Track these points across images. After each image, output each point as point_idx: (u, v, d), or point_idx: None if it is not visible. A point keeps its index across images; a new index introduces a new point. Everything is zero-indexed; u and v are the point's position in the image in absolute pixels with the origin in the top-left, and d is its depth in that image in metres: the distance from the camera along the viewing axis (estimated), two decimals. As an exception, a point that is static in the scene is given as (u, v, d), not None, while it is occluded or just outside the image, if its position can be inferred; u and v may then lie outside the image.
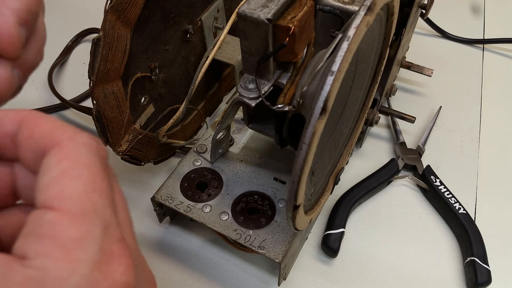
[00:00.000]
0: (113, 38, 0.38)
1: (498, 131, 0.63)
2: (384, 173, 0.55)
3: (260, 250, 0.41)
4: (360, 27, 0.28)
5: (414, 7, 0.47)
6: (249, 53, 0.34)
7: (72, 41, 0.73)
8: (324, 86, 0.27)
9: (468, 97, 0.68)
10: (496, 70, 0.72)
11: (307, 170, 0.30)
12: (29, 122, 0.18)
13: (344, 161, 0.47)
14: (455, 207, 0.51)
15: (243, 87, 0.35)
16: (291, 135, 0.37)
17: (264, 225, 0.43)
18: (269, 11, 0.31)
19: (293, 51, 0.32)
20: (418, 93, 0.68)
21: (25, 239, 0.16)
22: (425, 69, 0.63)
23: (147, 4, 0.40)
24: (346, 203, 0.52)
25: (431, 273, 0.49)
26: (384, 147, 0.61)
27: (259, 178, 0.47)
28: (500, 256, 0.50)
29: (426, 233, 0.52)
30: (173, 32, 0.47)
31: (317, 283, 0.48)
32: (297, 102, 0.33)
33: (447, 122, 0.64)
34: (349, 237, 0.52)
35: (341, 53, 0.27)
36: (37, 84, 0.69)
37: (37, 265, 0.15)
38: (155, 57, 0.46)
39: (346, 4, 0.38)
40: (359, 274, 0.49)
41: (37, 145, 0.18)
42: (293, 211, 0.33)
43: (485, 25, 0.79)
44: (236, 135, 0.51)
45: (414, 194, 0.56)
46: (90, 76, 0.38)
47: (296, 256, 0.49)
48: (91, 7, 0.81)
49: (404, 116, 0.58)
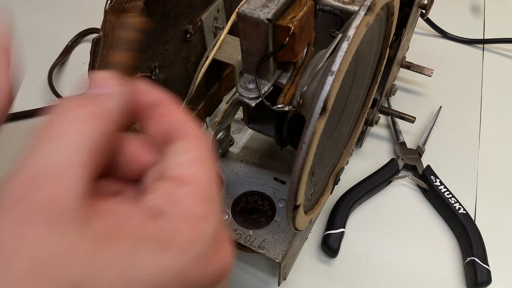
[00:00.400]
0: (113, 38, 0.38)
1: (498, 131, 0.63)
2: (384, 173, 0.55)
3: (260, 250, 0.41)
4: (360, 27, 0.28)
5: (414, 7, 0.47)
6: (249, 53, 0.34)
7: (72, 41, 0.73)
8: (324, 86, 0.27)
9: (468, 97, 0.68)
10: (496, 70, 0.72)
11: (307, 170, 0.30)
12: (168, 104, 0.21)
13: (344, 161, 0.47)
14: (455, 207, 0.51)
15: (243, 87, 0.35)
16: (291, 135, 0.37)
17: (264, 225, 0.43)
18: (269, 11, 0.31)
19: (293, 51, 0.32)
20: (418, 93, 0.68)
21: (161, 199, 0.18)
22: (425, 69, 0.63)
23: (147, 4, 0.40)
24: (346, 203, 0.52)
25: (431, 273, 0.49)
26: (384, 147, 0.61)
27: (259, 178, 0.47)
28: (500, 256, 0.50)
29: (426, 233, 0.52)
30: (173, 32, 0.47)
31: (317, 283, 0.48)
32: (297, 102, 0.33)
33: (447, 122, 0.64)
34: (349, 237, 0.52)
35: (341, 53, 0.27)
36: (37, 84, 0.69)
37: (170, 225, 0.18)
38: (155, 57, 0.46)
39: (346, 4, 0.38)
40: (359, 274, 0.49)
41: (168, 125, 0.21)
42: (293, 211, 0.33)
43: (485, 25, 0.79)
44: (236, 135, 0.51)
45: (414, 194, 0.56)
46: (90, 76, 0.38)
47: (296, 256, 0.49)
48: (91, 7, 0.81)
49: (404, 116, 0.58)
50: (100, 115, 0.19)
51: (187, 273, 0.18)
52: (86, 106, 0.18)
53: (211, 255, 0.19)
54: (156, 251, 0.17)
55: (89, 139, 0.18)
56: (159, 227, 0.18)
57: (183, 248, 0.18)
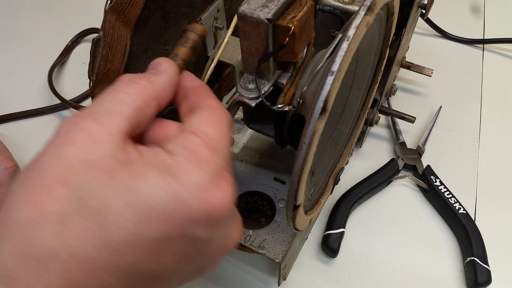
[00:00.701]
0: (113, 38, 0.38)
1: (498, 131, 0.63)
2: (384, 173, 0.55)
3: (260, 250, 0.41)
4: (360, 27, 0.28)
5: (414, 7, 0.47)
6: (249, 53, 0.34)
7: (72, 41, 0.73)
8: (324, 86, 0.27)
9: (468, 97, 0.68)
10: (496, 70, 0.72)
11: (307, 170, 0.30)
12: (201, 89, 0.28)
13: (344, 161, 0.47)
14: (455, 207, 0.51)
15: (243, 87, 0.35)
16: (291, 135, 0.37)
17: (264, 225, 0.43)
18: (269, 11, 0.31)
19: (293, 51, 0.32)
20: (418, 93, 0.68)
21: (174, 144, 0.23)
22: (425, 69, 0.63)
23: (147, 4, 0.40)
24: (346, 203, 0.52)
25: (431, 273, 0.49)
26: (384, 147, 0.61)
27: (259, 178, 0.47)
28: (500, 256, 0.50)
29: (426, 233, 0.52)
30: (173, 32, 0.47)
31: (317, 283, 0.48)
32: (297, 102, 0.33)
33: (447, 122, 0.64)
34: (349, 237, 0.52)
35: (341, 53, 0.27)
36: (37, 84, 0.69)
37: (177, 159, 0.22)
38: (155, 57, 0.46)
39: (346, 4, 0.38)
40: (359, 274, 0.49)
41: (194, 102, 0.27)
42: (293, 211, 0.33)
43: (485, 25, 0.79)
44: (236, 135, 0.51)
45: (414, 194, 0.56)
46: (90, 76, 0.38)
47: (296, 256, 0.49)
48: (91, 7, 0.81)
49: (404, 116, 0.58)
50: (147, 86, 0.25)
51: (184, 198, 0.21)
52: (139, 79, 0.25)
53: (207, 191, 0.22)
54: (160, 175, 0.21)
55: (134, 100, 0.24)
56: (167, 161, 0.22)
57: (183, 179, 0.22)
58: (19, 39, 0.76)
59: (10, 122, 0.64)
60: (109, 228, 0.21)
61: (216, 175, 0.23)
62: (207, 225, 0.23)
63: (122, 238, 0.21)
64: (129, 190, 0.21)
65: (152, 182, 0.21)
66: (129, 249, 0.21)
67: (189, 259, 0.24)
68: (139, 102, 0.24)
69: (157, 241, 0.21)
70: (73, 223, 0.20)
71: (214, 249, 0.25)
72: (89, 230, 0.20)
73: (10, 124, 0.64)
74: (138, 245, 0.21)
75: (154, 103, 0.25)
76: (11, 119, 0.64)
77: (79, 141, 0.22)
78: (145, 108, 0.24)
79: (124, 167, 0.21)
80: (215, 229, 0.23)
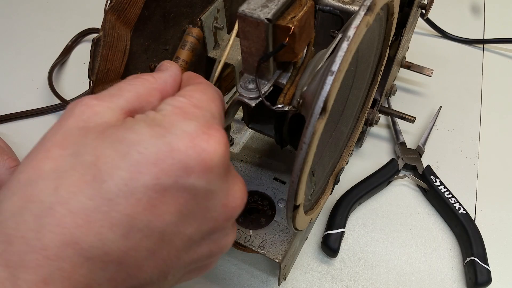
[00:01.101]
0: (113, 38, 0.38)
1: (498, 131, 0.63)
2: (384, 173, 0.55)
3: (260, 250, 0.41)
4: (360, 27, 0.28)
5: (414, 7, 0.47)
6: (249, 53, 0.34)
7: (72, 41, 0.73)
8: (324, 86, 0.27)
9: (468, 97, 0.68)
10: (496, 70, 0.72)
11: (307, 170, 0.30)
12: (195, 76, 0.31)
13: (344, 161, 0.47)
14: (455, 207, 0.51)
15: (243, 87, 0.35)
16: (291, 135, 0.37)
17: (264, 225, 0.43)
18: (269, 11, 0.31)
19: (293, 51, 0.32)
20: (418, 93, 0.68)
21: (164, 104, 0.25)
22: (425, 69, 0.63)
23: (147, 4, 0.40)
24: (346, 203, 0.52)
25: (431, 273, 0.49)
26: (384, 147, 0.61)
27: (259, 178, 0.47)
28: (500, 256, 0.50)
29: (426, 233, 0.52)
30: (173, 32, 0.47)
31: (317, 283, 0.48)
32: (297, 102, 0.33)
33: (447, 122, 0.64)
34: (349, 237, 0.52)
35: (341, 53, 0.27)
36: (37, 84, 0.69)
37: (166, 113, 0.24)
38: (155, 57, 0.46)
39: (346, 4, 0.38)
40: (359, 274, 0.49)
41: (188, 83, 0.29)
42: (293, 211, 0.33)
43: (485, 25, 0.79)
44: (236, 135, 0.51)
45: (414, 194, 0.56)
46: (90, 76, 0.38)
47: (296, 256, 0.49)
48: (91, 7, 0.81)
49: (404, 116, 0.58)
50: (151, 80, 0.27)
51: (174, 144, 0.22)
52: (144, 75, 0.28)
53: (198, 138, 0.23)
54: (150, 127, 0.23)
55: (136, 88, 0.26)
56: (156, 116, 0.24)
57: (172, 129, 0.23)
58: (19, 39, 0.76)
59: (10, 122, 0.64)
60: (102, 177, 0.21)
61: (205, 125, 0.24)
62: (201, 172, 0.23)
63: (116, 187, 0.21)
64: (119, 140, 0.22)
65: (142, 131, 0.23)
66: (124, 199, 0.21)
67: (190, 215, 0.24)
68: (141, 90, 0.26)
69: (152, 191, 0.22)
70: (69, 178, 0.21)
71: (217, 206, 0.25)
72: (84, 183, 0.21)
73: (10, 124, 0.64)
74: (133, 194, 0.21)
75: (157, 94, 0.27)
76: (11, 119, 0.64)
77: (79, 112, 0.24)
78: (147, 96, 0.26)
79: (117, 126, 0.23)
80: (212, 180, 0.24)
